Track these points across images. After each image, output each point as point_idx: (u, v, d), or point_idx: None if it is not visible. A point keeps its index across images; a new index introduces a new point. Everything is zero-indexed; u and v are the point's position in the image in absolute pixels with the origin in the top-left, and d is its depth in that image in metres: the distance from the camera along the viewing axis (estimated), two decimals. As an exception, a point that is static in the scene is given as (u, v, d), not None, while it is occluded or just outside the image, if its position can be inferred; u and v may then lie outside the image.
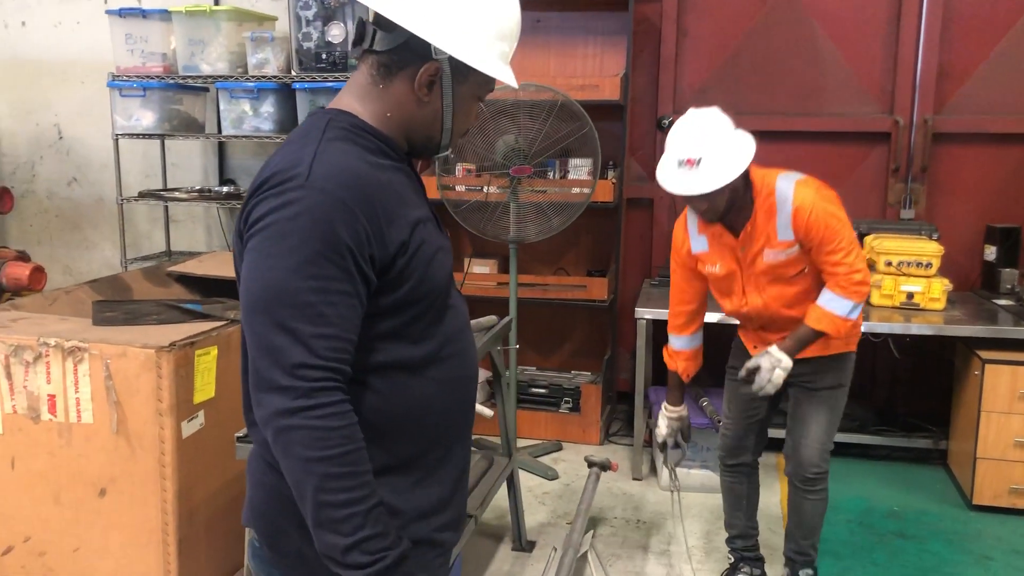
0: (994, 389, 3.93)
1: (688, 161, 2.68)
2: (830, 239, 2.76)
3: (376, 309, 1.38)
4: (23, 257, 4.97)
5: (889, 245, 4.31)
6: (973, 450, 3.99)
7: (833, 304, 2.79)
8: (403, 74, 1.45)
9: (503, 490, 3.56)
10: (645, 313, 4.30)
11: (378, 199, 1.36)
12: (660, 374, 4.68)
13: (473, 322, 3.40)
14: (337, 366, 1.31)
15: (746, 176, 2.79)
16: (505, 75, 1.49)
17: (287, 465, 1.31)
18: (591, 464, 3.53)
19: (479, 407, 2.60)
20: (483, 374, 4.86)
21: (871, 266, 4.35)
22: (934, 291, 4.25)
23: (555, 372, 5.20)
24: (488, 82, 1.50)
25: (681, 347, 3.11)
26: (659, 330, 4.61)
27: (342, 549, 1.30)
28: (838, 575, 3.34)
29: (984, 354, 3.96)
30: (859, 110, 4.82)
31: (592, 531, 3.04)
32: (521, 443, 4.77)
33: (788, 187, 2.80)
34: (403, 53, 1.43)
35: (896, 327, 4.16)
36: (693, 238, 2.97)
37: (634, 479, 4.33)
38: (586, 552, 2.91)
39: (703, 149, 2.66)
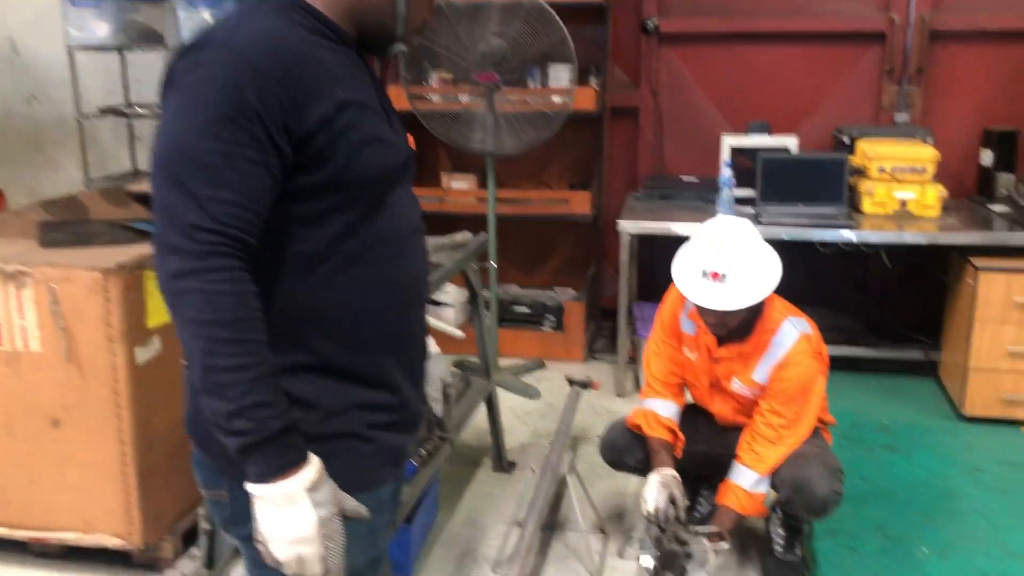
0: (988, 298, 3.81)
1: (713, 275, 2.46)
2: (786, 403, 2.55)
3: (295, 188, 1.31)
4: (-20, 180, 4.75)
5: (882, 150, 4.12)
6: (965, 361, 3.89)
7: (738, 476, 2.58)
8: None
9: (484, 411, 3.46)
10: (628, 227, 4.13)
11: (300, 70, 1.29)
12: (645, 290, 4.56)
13: (445, 238, 3.24)
14: (235, 233, 1.24)
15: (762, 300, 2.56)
16: None
17: (179, 330, 1.26)
18: (572, 383, 3.42)
19: (448, 327, 2.48)
20: (462, 294, 4.72)
21: (863, 172, 4.18)
22: (928, 198, 4.09)
23: (538, 290, 5.07)
24: None
25: (669, 415, 2.74)
26: (643, 245, 4.47)
27: (225, 415, 1.24)
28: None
29: (978, 262, 3.82)
30: (852, 7, 4.57)
31: (573, 451, 2.93)
32: (504, 362, 4.66)
33: (791, 337, 2.56)
34: None
35: (889, 236, 4.02)
36: (684, 317, 2.75)
37: (617, 396, 4.24)
38: (566, 473, 2.82)
39: (731, 266, 2.45)
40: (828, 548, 2.94)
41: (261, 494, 1.27)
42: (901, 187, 4.09)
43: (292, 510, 1.27)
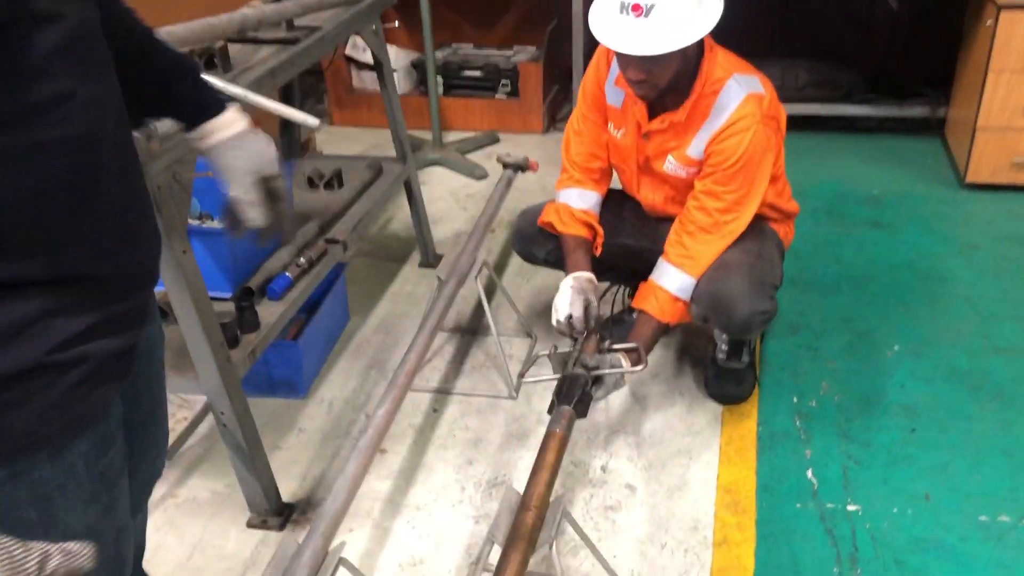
0: (1007, 43, 3.19)
1: (635, 7, 1.85)
2: (726, 181, 2.05)
3: None
4: None
5: None
6: (974, 118, 3.33)
7: (662, 276, 2.14)
8: None
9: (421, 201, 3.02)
10: (582, -30, 3.46)
11: None
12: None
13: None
14: None
15: (699, 50, 2.04)
16: None
17: None
18: (505, 165, 2.94)
19: (302, 116, 1.97)
20: (406, 56, 4.12)
21: None
22: (947, -82, 3.35)
23: (494, 50, 4.44)
24: None
25: (587, 206, 2.31)
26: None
27: None
28: (794, 275, 2.83)
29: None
30: None
31: (486, 252, 2.50)
32: (452, 136, 4.15)
33: (737, 95, 2.03)
34: None
35: (894, -31, 3.33)
36: (611, 84, 2.20)
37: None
38: (475, 277, 2.42)
39: None
40: (784, 348, 2.58)
41: None
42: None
43: None
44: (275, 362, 2.45)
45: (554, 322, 2.15)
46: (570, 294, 2.14)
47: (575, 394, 1.87)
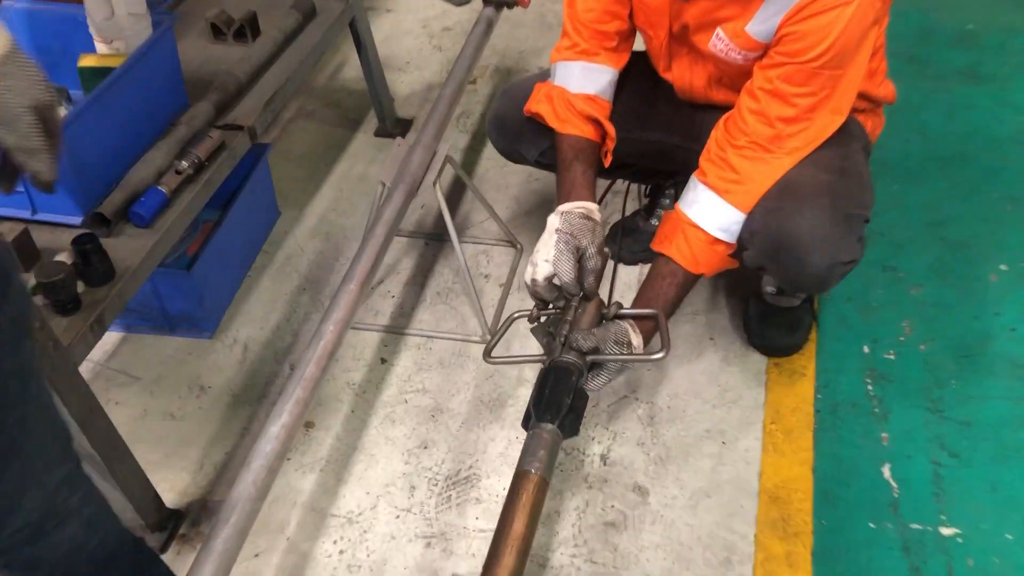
0: None
1: None
2: (804, 80, 1.32)
3: None
4: None
5: None
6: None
7: (693, 204, 1.44)
8: None
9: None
10: None
11: None
12: None
13: None
14: None
15: None
16: None
17: None
18: (487, 2, 2.19)
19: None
20: None
21: None
22: None
23: None
24: None
25: (596, 90, 1.57)
26: None
27: None
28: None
29: None
30: None
31: (449, 154, 1.79)
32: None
33: None
34: None
35: None
36: None
37: None
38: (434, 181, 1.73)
39: None
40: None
41: None
42: None
43: None
44: (167, 293, 1.82)
45: (527, 281, 1.45)
46: (555, 245, 1.43)
47: (562, 402, 1.25)
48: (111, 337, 1.86)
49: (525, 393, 1.69)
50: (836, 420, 1.63)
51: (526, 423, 1.27)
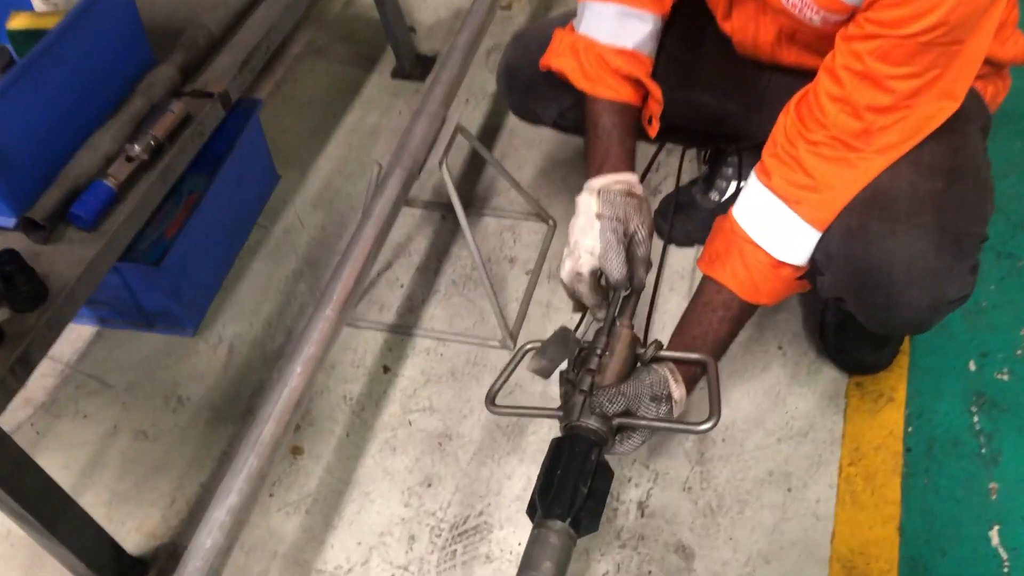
0: None
1: None
2: (900, 59, 0.96)
3: None
4: None
5: None
6: None
7: (753, 213, 1.10)
8: None
9: None
10: None
11: None
12: None
13: None
14: None
15: None
16: None
17: None
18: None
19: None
20: None
21: None
22: None
23: None
24: None
25: (635, 43, 1.22)
26: None
27: None
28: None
29: None
30: None
31: (459, 123, 1.46)
32: None
33: None
34: None
35: None
36: None
37: None
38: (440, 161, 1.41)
39: None
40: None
41: None
42: None
43: None
44: (139, 288, 1.58)
45: (565, 279, 1.17)
46: (601, 234, 1.14)
47: (576, 490, 0.97)
48: (84, 332, 1.64)
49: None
50: (931, 462, 1.32)
51: (531, 512, 1.00)
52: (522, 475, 1.37)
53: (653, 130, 1.27)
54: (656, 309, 1.53)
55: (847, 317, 1.40)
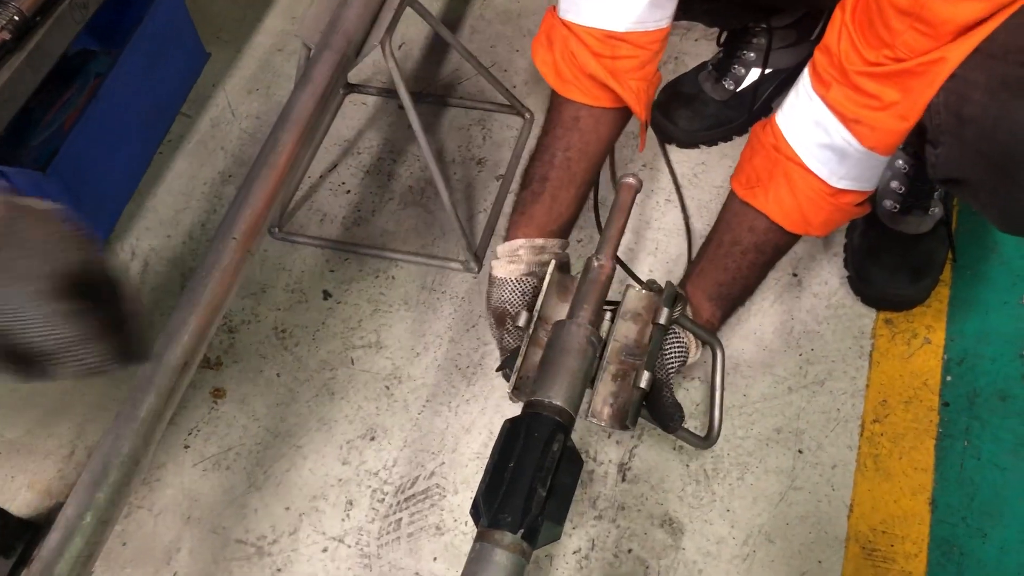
0: None
1: None
2: None
3: None
4: None
5: None
6: None
7: (807, 140, 0.83)
8: None
9: None
10: None
11: None
12: None
13: None
14: None
15: None
16: None
17: None
18: None
19: None
20: None
21: None
22: None
23: None
24: None
25: (633, 20, 0.94)
26: None
27: None
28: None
29: None
30: None
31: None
32: None
33: None
34: None
35: None
36: None
37: None
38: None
39: None
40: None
41: None
42: None
43: None
44: (32, 194, 1.31)
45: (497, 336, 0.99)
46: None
47: (533, 492, 0.75)
48: (-25, 243, 1.39)
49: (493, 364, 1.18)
50: (973, 421, 1.10)
51: (475, 516, 0.78)
52: (483, 427, 1.15)
53: (642, 146, 1.04)
54: (650, 226, 1.28)
55: (879, 238, 1.16)
